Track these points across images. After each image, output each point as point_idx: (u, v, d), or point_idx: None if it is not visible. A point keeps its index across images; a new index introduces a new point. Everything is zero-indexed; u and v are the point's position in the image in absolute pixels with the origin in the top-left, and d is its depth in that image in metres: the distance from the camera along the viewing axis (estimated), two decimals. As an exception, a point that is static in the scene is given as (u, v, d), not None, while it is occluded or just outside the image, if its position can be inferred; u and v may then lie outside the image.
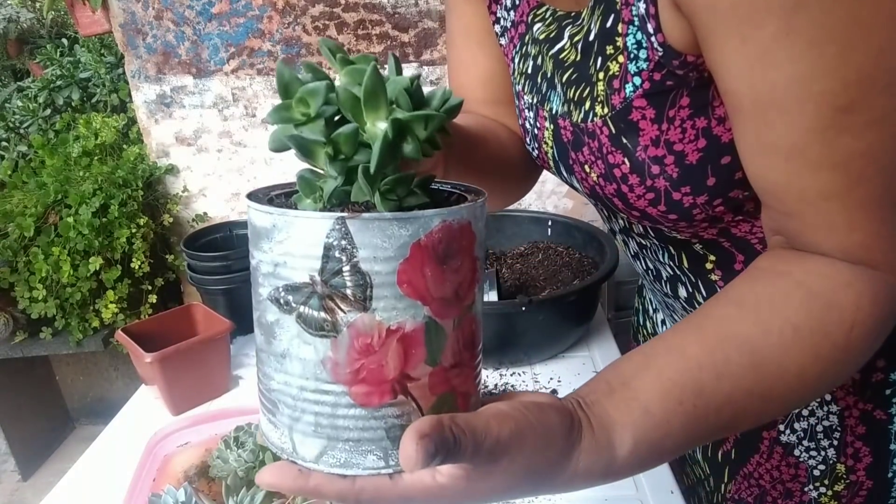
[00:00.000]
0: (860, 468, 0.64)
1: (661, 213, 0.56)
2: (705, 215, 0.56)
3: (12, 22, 2.65)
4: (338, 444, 0.35)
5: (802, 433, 0.66)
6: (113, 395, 2.32)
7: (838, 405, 0.64)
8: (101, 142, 1.89)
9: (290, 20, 1.69)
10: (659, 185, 0.54)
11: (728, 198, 0.54)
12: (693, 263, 0.64)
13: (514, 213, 1.22)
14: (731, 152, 0.51)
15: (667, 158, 0.53)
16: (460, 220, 0.35)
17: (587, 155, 0.58)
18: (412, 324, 0.34)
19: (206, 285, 1.07)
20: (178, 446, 0.78)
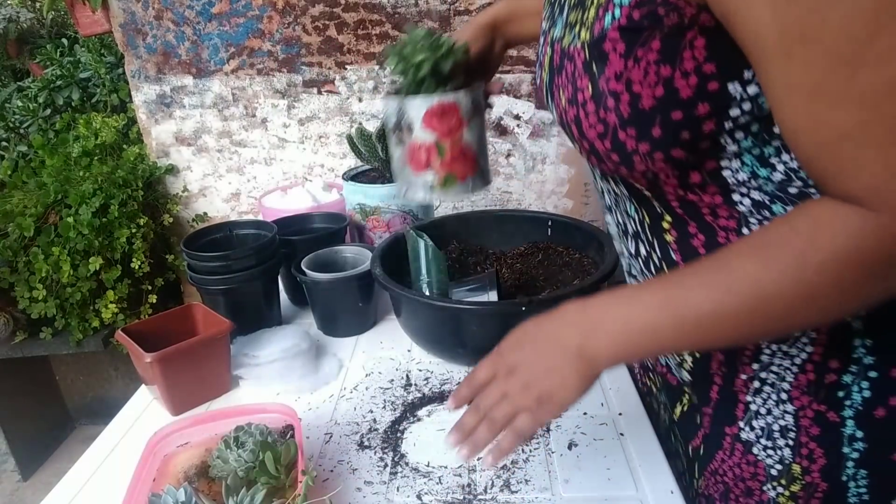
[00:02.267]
0: (815, 470, 0.65)
1: (605, 151, 0.58)
2: (646, 167, 0.57)
3: (12, 22, 2.65)
4: (407, 186, 0.77)
5: (760, 431, 0.67)
6: (113, 395, 2.32)
7: (793, 405, 0.64)
8: (101, 142, 1.89)
9: (290, 20, 1.69)
10: (609, 120, 0.56)
11: (670, 155, 0.55)
12: (652, 221, 0.67)
13: (514, 213, 1.22)
14: (685, 110, 0.52)
15: (623, 96, 0.54)
16: (448, 100, 0.72)
17: (563, 79, 0.61)
18: (430, 142, 0.73)
19: (206, 285, 1.07)
20: (178, 446, 0.78)
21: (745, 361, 0.66)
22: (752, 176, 0.57)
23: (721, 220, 0.61)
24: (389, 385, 0.96)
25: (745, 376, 0.66)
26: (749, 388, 0.67)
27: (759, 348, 0.64)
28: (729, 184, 0.58)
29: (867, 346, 0.60)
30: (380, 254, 1.07)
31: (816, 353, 0.62)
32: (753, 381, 0.66)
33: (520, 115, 1.76)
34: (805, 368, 0.63)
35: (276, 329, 1.07)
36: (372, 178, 1.33)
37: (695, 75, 0.51)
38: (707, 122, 0.53)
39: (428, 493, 0.74)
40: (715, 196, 0.59)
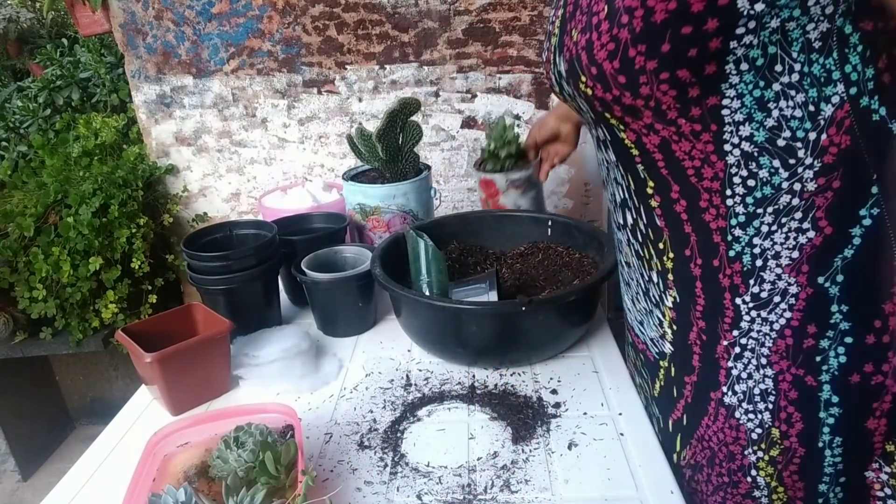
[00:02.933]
0: (793, 434, 0.67)
1: (613, 72, 0.60)
2: (650, 91, 0.59)
3: (12, 22, 2.65)
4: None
5: (742, 395, 0.69)
6: (113, 395, 2.32)
7: (773, 369, 0.66)
8: (101, 142, 1.89)
9: (290, 20, 1.69)
10: (621, 36, 0.58)
11: (675, 76, 0.57)
12: (637, 186, 0.69)
13: (515, 214, 1.22)
14: (695, 24, 0.54)
15: (637, 11, 0.56)
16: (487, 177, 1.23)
17: (578, 16, 0.63)
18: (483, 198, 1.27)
19: (206, 285, 1.07)
20: (178, 446, 0.78)
21: (725, 328, 0.68)
22: (747, 118, 0.59)
23: (705, 181, 0.63)
24: (389, 385, 0.96)
25: (726, 342, 0.69)
26: (730, 354, 0.69)
27: (739, 315, 0.67)
28: (724, 126, 0.59)
29: (843, 313, 0.63)
30: (380, 254, 1.07)
31: (795, 318, 0.64)
32: (734, 346, 0.68)
33: (520, 115, 1.76)
34: (784, 334, 0.65)
35: (275, 329, 1.07)
36: (372, 178, 1.33)
37: None
38: (714, 40, 0.54)
39: (428, 493, 0.74)
40: (707, 144, 0.61)
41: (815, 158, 0.59)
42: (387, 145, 1.25)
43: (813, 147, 0.58)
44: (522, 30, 1.67)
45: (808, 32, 0.55)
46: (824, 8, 0.54)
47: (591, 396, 0.90)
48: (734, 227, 0.64)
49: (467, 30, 1.68)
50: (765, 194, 0.61)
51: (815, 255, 0.62)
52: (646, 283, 0.77)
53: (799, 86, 0.57)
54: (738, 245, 0.64)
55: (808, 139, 0.58)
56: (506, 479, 0.75)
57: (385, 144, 1.24)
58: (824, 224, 0.61)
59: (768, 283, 0.64)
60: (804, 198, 0.60)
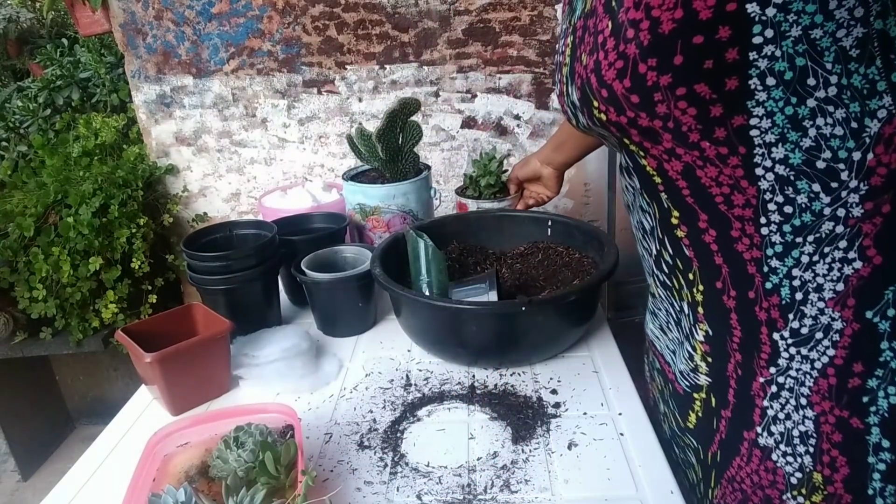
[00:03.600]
0: (837, 479, 0.62)
1: (625, 92, 0.56)
2: (667, 109, 0.54)
3: (12, 22, 2.65)
4: None
5: (779, 436, 0.64)
6: (113, 395, 2.32)
7: (814, 410, 0.62)
8: (101, 142, 1.89)
9: (290, 20, 1.69)
10: (629, 52, 0.54)
11: (693, 91, 0.53)
12: (662, 216, 0.65)
13: (515, 214, 1.22)
14: (706, 33, 0.51)
15: (643, 23, 0.53)
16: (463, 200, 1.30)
17: (586, 39, 0.60)
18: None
19: (206, 285, 1.07)
20: (178, 446, 0.78)
21: (761, 364, 0.64)
22: (780, 139, 0.53)
23: (736, 208, 0.58)
24: (389, 385, 0.96)
25: (763, 379, 0.64)
26: (766, 392, 0.64)
27: (777, 351, 0.62)
28: (754, 148, 0.54)
29: (894, 350, 0.58)
30: (379, 254, 1.07)
31: (839, 356, 0.59)
32: (771, 384, 0.64)
33: (520, 115, 1.76)
34: (826, 373, 0.60)
35: (275, 329, 1.07)
36: (372, 178, 1.33)
37: None
38: (730, 50, 0.51)
39: (428, 493, 0.74)
40: (736, 169, 0.56)
41: (861, 181, 0.53)
42: (387, 145, 1.25)
43: (858, 168, 0.53)
44: (522, 30, 1.67)
45: (841, 40, 0.50)
46: (852, 11, 0.49)
47: (591, 396, 0.90)
48: (770, 257, 0.59)
49: (467, 30, 1.68)
50: (804, 222, 0.56)
51: (863, 288, 0.56)
52: (676, 313, 0.72)
53: (838, 100, 0.51)
54: (776, 277, 0.59)
55: (852, 159, 0.53)
56: (506, 479, 0.75)
57: (385, 144, 1.24)
58: (873, 253, 0.55)
59: (809, 317, 0.59)
60: (849, 225, 0.55)
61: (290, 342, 1.00)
